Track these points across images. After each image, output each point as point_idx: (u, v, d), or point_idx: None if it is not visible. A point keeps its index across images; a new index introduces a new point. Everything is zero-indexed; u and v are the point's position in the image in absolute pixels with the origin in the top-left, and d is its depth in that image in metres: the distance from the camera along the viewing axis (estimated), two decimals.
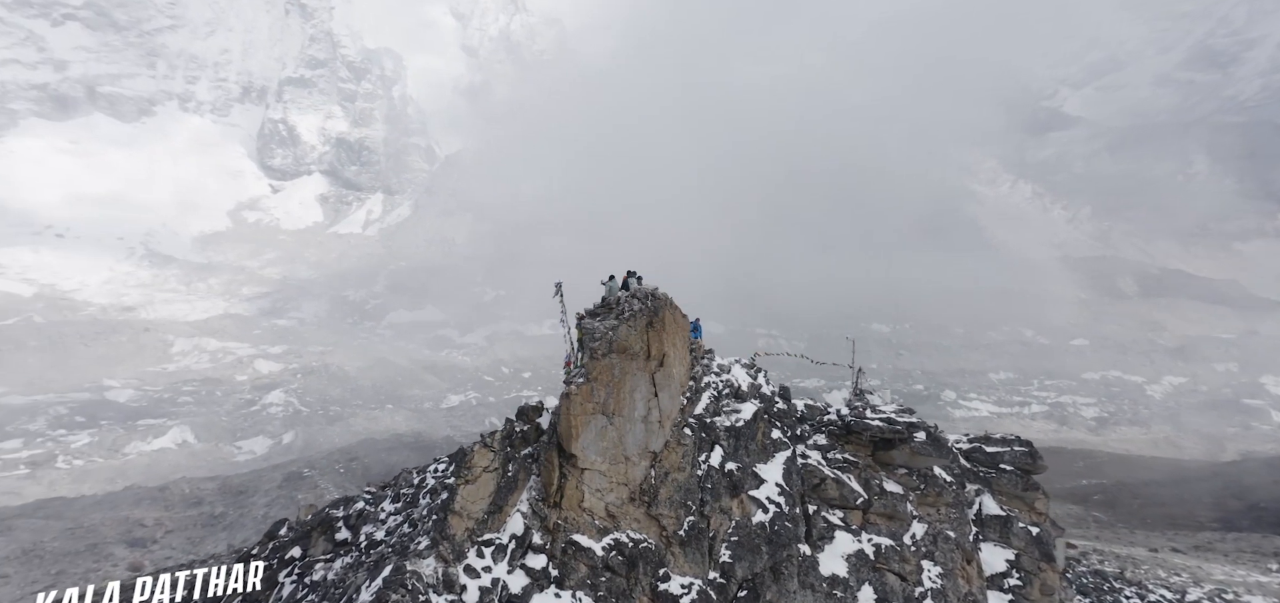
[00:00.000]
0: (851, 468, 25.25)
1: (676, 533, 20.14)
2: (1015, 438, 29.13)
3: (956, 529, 24.67)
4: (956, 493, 25.63)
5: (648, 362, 21.42)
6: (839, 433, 26.45)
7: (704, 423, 22.61)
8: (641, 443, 20.75)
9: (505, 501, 20.06)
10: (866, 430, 26.21)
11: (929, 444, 26.16)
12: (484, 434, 21.10)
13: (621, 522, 19.96)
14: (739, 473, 21.86)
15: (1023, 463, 27.81)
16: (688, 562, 20.02)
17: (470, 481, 19.80)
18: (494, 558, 18.96)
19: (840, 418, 27.17)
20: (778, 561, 20.71)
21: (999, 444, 28.73)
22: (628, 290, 23.75)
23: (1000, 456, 28.18)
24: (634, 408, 20.80)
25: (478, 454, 20.32)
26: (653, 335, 21.62)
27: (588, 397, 19.97)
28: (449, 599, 17.82)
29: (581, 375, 20.47)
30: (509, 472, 20.74)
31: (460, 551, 18.89)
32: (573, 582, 18.76)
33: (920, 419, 27.54)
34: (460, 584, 18.19)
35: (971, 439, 29.60)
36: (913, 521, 24.15)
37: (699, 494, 21.06)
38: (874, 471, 25.50)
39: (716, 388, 24.15)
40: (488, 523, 19.58)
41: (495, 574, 18.61)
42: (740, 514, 21.36)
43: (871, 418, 26.99)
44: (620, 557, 19.24)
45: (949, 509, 24.94)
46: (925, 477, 25.38)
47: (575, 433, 19.60)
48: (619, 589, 18.85)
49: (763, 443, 23.58)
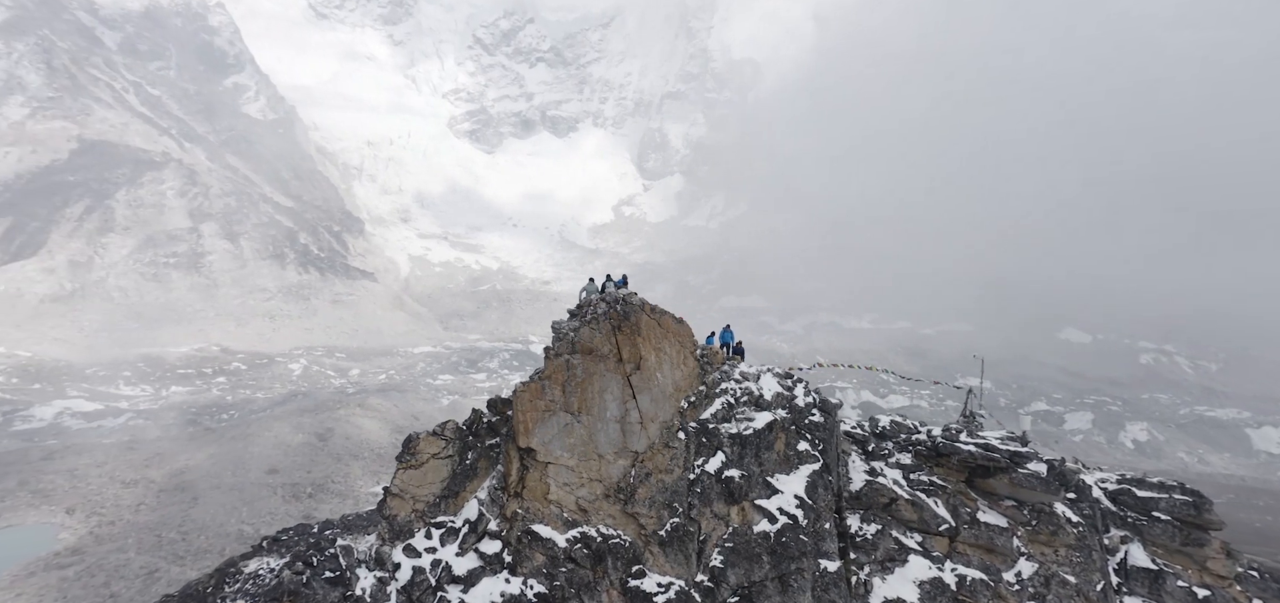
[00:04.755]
0: (938, 492, 22.98)
1: (656, 532, 19.56)
2: (1177, 484, 24.70)
3: (1079, 575, 21.60)
4: (1083, 535, 22.27)
5: (620, 364, 20.71)
6: (927, 454, 24.18)
7: (706, 428, 21.54)
8: (617, 442, 20.27)
9: (463, 487, 20.24)
10: (955, 454, 23.55)
11: (1039, 477, 22.74)
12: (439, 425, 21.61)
13: (593, 517, 19.52)
14: (742, 481, 20.68)
15: (1183, 514, 23.49)
16: (669, 562, 19.46)
17: (413, 466, 20.18)
18: (443, 541, 19.01)
19: (930, 439, 24.75)
20: (784, 572, 19.51)
21: (1154, 489, 24.82)
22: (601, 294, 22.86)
23: (1153, 502, 24.33)
24: (605, 408, 20.32)
25: (424, 442, 20.58)
26: (623, 339, 20.85)
27: (538, 394, 19.80)
28: (378, 576, 18.06)
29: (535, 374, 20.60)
30: (467, 459, 20.86)
31: (404, 531, 19.26)
32: (526, 569, 18.54)
33: (1034, 450, 24.44)
34: (394, 563, 18.42)
35: (1121, 480, 26.06)
36: (1019, 557, 21.59)
37: (687, 497, 20.25)
38: (966, 498, 22.97)
39: (733, 395, 22.81)
40: (442, 507, 19.85)
41: (440, 556, 18.64)
42: (740, 521, 20.32)
43: (965, 442, 24.03)
44: (586, 550, 18.86)
45: (1070, 551, 21.93)
46: (1040, 513, 22.43)
47: (526, 427, 19.51)
48: (582, 581, 18.53)
49: (784, 454, 21.92)
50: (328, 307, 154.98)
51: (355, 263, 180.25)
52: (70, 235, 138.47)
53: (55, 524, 56.42)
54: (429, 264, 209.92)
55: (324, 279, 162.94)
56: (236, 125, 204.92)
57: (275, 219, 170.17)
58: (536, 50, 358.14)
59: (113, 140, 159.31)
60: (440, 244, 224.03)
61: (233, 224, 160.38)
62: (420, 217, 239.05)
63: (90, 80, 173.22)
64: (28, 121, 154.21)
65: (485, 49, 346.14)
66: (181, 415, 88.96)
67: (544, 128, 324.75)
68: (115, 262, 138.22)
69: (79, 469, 66.54)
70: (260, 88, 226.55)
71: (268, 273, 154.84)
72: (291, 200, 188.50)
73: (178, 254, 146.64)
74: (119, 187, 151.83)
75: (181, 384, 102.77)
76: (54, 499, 60.37)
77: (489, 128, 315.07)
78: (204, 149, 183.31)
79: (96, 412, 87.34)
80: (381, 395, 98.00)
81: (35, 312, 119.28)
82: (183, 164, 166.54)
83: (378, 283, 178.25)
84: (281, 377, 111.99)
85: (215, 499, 61.74)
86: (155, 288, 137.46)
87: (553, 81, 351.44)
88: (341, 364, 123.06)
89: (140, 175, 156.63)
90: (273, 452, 71.94)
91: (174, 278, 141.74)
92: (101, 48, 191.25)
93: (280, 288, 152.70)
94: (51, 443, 75.05)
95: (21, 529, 55.45)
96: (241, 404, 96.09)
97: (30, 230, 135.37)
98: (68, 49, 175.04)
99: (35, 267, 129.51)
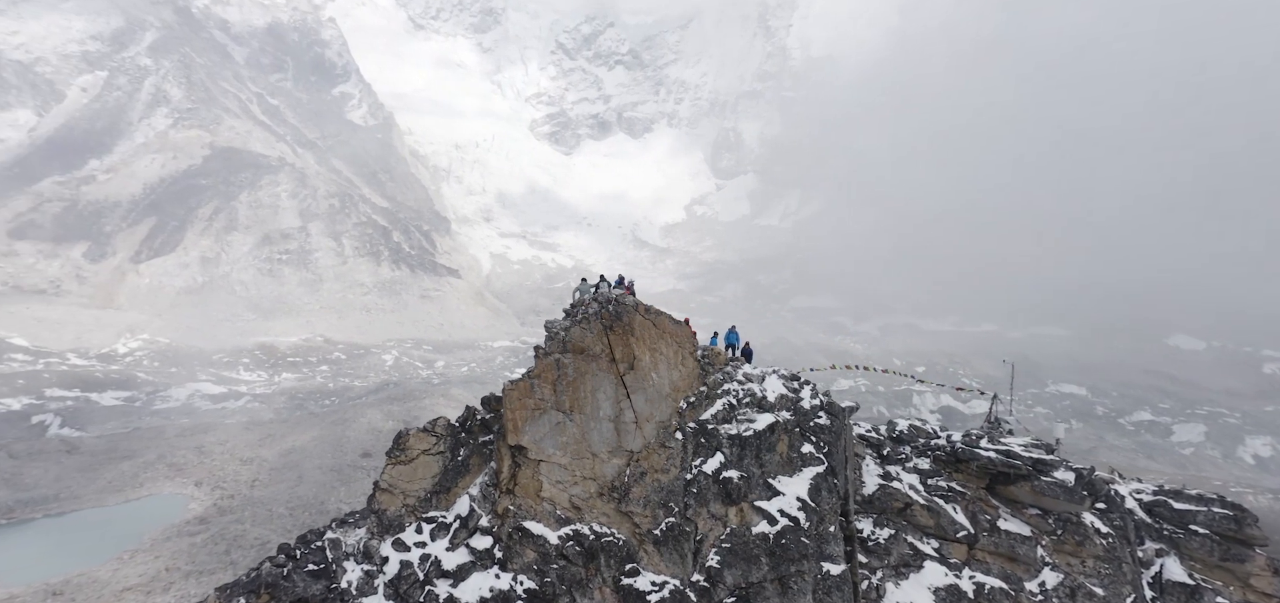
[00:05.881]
0: (958, 498, 22.46)
1: (651, 531, 19.41)
2: (1216, 497, 23.61)
3: (1108, 587, 21.04)
4: (1113, 547, 21.59)
5: (613, 364, 20.54)
6: (946, 460, 23.80)
7: (705, 429, 21.25)
8: (611, 441, 20.17)
9: (455, 483, 20.09)
10: (975, 460, 23.03)
11: (1063, 486, 21.86)
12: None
13: (587, 515, 19.39)
14: (741, 482, 20.44)
15: (1223, 528, 22.52)
16: (664, 561, 19.27)
17: (403, 462, 20.13)
18: (433, 536, 18.84)
19: (949, 444, 24.31)
20: (784, 574, 19.22)
21: (1192, 502, 23.66)
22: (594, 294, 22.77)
23: (1191, 515, 23.30)
24: (598, 407, 20.23)
25: (414, 438, 20.51)
26: (615, 339, 20.66)
27: (527, 392, 19.65)
28: (365, 569, 17.92)
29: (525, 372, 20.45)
30: (460, 456, 20.68)
31: (394, 525, 19.10)
32: (516, 565, 18.39)
33: (1062, 457, 23.69)
34: (382, 556, 18.28)
35: (1157, 491, 25.06)
36: (1043, 567, 21.09)
37: (683, 497, 20.03)
38: (987, 505, 22.42)
39: (735, 397, 22.41)
40: (433, 502, 19.70)
41: (430, 551, 18.49)
42: (738, 522, 20.14)
43: (985, 448, 23.46)
44: (578, 548, 18.72)
45: (1098, 562, 21.23)
46: (1066, 522, 21.73)
47: (515, 425, 19.37)
48: (574, 578, 18.39)
49: (787, 456, 21.65)
50: (417, 301, 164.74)
51: (442, 260, 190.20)
52: (202, 233, 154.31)
53: (185, 495, 63.89)
54: (508, 262, 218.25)
55: (414, 276, 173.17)
56: (341, 131, 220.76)
57: (372, 219, 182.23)
58: (615, 53, 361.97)
59: (238, 146, 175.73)
60: (519, 243, 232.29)
61: (336, 224, 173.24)
62: (501, 216, 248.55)
63: (221, 92, 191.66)
64: (170, 131, 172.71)
65: (567, 53, 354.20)
66: (290, 400, 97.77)
67: (620, 129, 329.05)
68: (238, 258, 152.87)
69: (206, 446, 74.81)
70: (363, 96, 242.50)
71: (365, 269, 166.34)
72: (387, 201, 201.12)
73: (289, 251, 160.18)
74: (242, 189, 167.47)
75: (291, 371, 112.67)
76: (185, 473, 68.29)
77: (567, 130, 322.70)
78: (313, 153, 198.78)
79: (221, 394, 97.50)
80: (463, 387, 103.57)
81: (173, 302, 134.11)
82: (295, 168, 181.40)
83: (461, 279, 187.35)
84: (375, 366, 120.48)
85: (316, 479, 67.80)
86: (270, 282, 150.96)
87: (630, 83, 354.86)
88: (428, 356, 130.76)
89: (259, 179, 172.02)
90: (366, 436, 77.96)
91: (285, 273, 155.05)
92: (231, 63, 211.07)
93: (376, 283, 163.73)
94: (184, 422, 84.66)
95: (160, 498, 63.20)
96: (340, 391, 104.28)
97: (170, 229, 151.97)
98: (204, 64, 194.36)
99: (174, 262, 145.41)
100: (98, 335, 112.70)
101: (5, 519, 57.33)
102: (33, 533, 55.89)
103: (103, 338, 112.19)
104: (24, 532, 55.95)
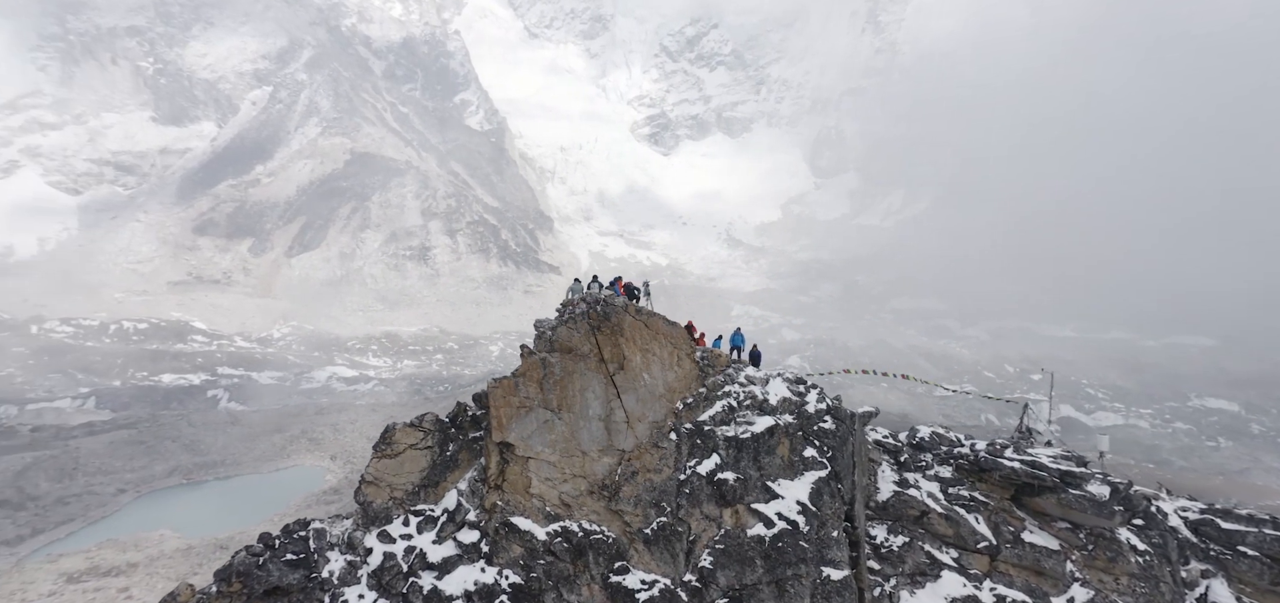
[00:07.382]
0: (980, 508, 21.80)
1: (641, 530, 19.07)
2: (1268, 517, 22.28)
3: None
4: (1149, 565, 20.55)
5: (602, 364, 20.35)
6: (969, 469, 23.01)
7: (701, 430, 20.88)
8: (602, 440, 19.95)
9: (443, 477, 19.94)
10: (998, 470, 22.19)
11: (1092, 500, 20.86)
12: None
13: (577, 512, 19.16)
14: (737, 484, 20.04)
15: (1275, 550, 21.23)
16: (654, 560, 18.97)
17: (389, 456, 19.94)
18: (420, 529, 18.67)
19: (972, 453, 23.48)
20: (780, 577, 18.85)
21: (1241, 522, 22.38)
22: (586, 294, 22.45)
23: (1239, 535, 21.99)
24: (587, 406, 20.02)
25: (401, 433, 20.34)
26: (603, 339, 20.43)
27: (511, 390, 19.48)
28: (349, 560, 17.63)
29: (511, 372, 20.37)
30: (448, 451, 20.47)
31: (381, 517, 19.01)
32: (502, 560, 18.14)
33: (1094, 471, 22.65)
34: (366, 548, 18.09)
35: (1204, 510, 23.72)
36: (1073, 582, 20.26)
37: (675, 497, 19.67)
38: (1011, 517, 21.61)
39: (736, 399, 21.89)
40: (421, 496, 19.60)
41: (416, 543, 18.32)
42: (733, 524, 19.79)
43: (1009, 458, 22.58)
44: (566, 544, 18.45)
45: (1133, 580, 20.25)
46: (1098, 537, 20.79)
47: (501, 422, 19.22)
48: (561, 574, 18.13)
49: (788, 459, 21.21)
50: (521, 296, 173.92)
51: (544, 258, 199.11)
52: (341, 231, 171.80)
53: (323, 467, 72.45)
54: (606, 259, 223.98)
55: (519, 272, 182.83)
56: (459, 135, 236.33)
57: (484, 218, 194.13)
58: (718, 54, 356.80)
59: (373, 152, 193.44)
60: (617, 241, 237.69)
61: (452, 222, 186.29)
62: (601, 215, 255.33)
63: (362, 102, 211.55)
64: (319, 138, 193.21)
65: (670, 56, 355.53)
66: (410, 385, 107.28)
67: (718, 129, 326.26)
68: (370, 254, 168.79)
69: (340, 424, 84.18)
70: (480, 102, 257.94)
71: (476, 265, 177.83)
72: (497, 201, 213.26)
73: (412, 248, 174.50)
74: (375, 191, 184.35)
75: (411, 359, 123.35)
76: (322, 447, 77.33)
77: (667, 131, 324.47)
78: (434, 157, 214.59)
79: (353, 378, 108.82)
80: None
81: (317, 294, 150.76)
82: (419, 170, 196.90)
83: (562, 276, 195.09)
84: (483, 357, 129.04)
85: None
86: (395, 276, 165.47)
87: (731, 83, 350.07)
88: None
89: (389, 181, 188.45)
90: None
91: (408, 267, 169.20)
92: (371, 75, 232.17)
93: (485, 278, 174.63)
94: (323, 401, 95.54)
95: (302, 469, 72.15)
96: (452, 378, 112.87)
97: (316, 227, 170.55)
98: (349, 77, 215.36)
99: (318, 257, 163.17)
100: (258, 320, 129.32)
101: (185, 480, 68.10)
102: (205, 493, 66.03)
103: (262, 323, 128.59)
104: (199, 492, 66.24)
